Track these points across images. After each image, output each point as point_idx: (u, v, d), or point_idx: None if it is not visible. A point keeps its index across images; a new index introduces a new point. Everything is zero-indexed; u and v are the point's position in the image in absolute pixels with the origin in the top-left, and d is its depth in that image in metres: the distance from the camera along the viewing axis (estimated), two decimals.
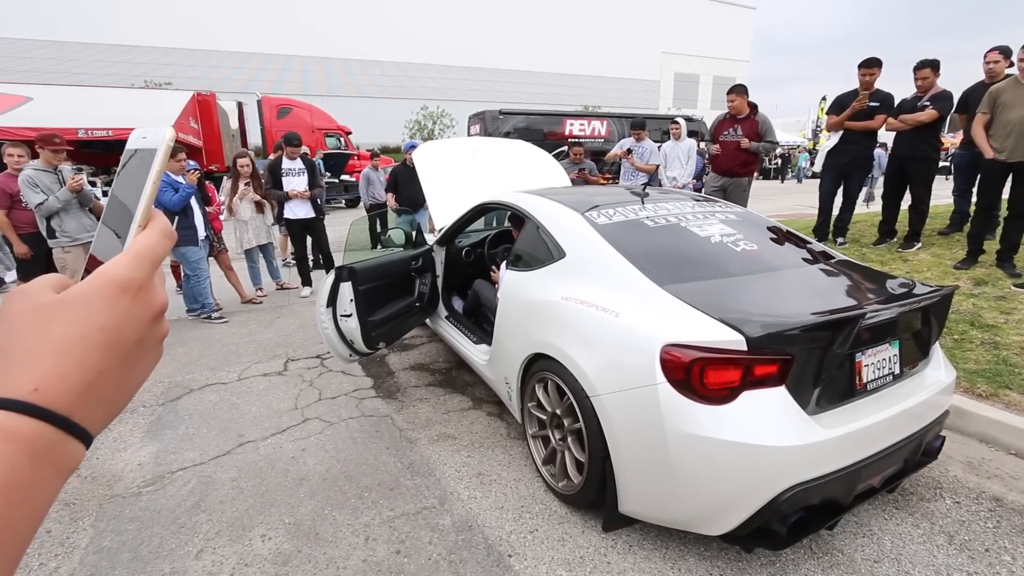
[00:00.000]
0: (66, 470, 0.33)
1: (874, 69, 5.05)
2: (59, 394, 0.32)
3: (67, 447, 0.32)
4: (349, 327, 3.02)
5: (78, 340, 0.33)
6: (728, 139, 5.60)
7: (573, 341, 2.11)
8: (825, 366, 1.73)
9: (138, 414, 3.19)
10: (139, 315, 0.36)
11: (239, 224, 5.55)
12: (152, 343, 0.38)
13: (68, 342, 0.33)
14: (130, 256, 0.37)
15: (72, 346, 0.33)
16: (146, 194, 0.40)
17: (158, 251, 0.39)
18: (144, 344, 0.37)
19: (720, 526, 1.75)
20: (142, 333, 0.37)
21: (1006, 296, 3.88)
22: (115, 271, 0.36)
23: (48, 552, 2.07)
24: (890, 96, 5.12)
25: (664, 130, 12.23)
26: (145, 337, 0.37)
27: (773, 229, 2.77)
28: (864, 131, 5.20)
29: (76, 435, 0.33)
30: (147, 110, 13.19)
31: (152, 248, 0.38)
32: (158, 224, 0.40)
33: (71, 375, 0.32)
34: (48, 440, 0.31)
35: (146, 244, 0.38)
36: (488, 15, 37.47)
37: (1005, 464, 2.50)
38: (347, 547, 2.06)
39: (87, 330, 0.33)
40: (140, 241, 0.38)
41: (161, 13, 30.23)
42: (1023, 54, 4.02)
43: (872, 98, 5.10)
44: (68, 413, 0.32)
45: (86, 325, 0.33)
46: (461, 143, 4.84)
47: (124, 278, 0.36)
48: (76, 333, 0.33)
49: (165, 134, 0.41)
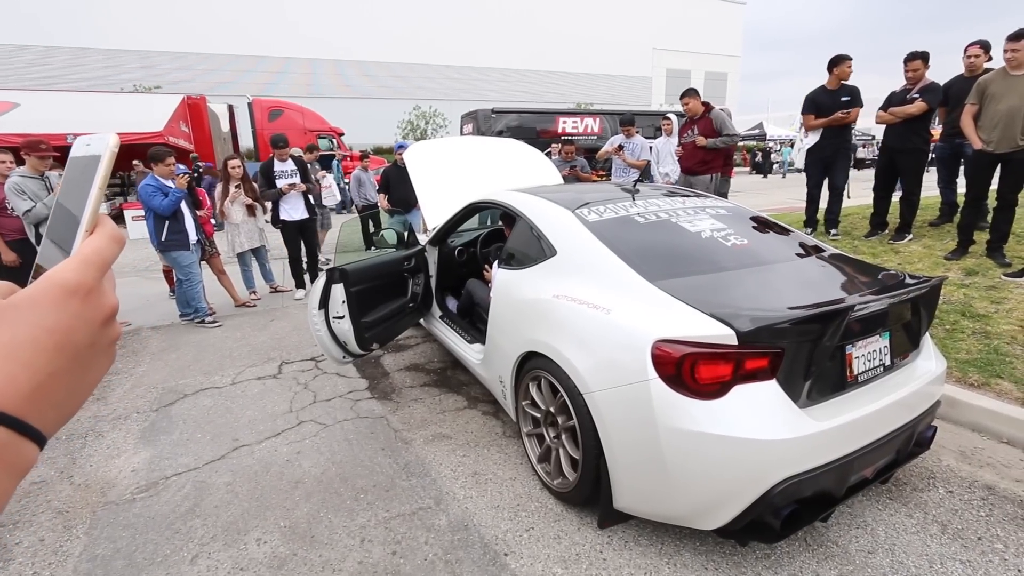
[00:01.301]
0: (19, 471, 0.33)
1: (850, 62, 5.29)
2: (8, 397, 0.32)
3: (19, 448, 0.32)
4: (342, 329, 3.02)
5: (27, 343, 0.33)
6: (687, 140, 5.87)
7: (565, 339, 2.11)
8: (816, 359, 1.74)
9: (131, 420, 3.17)
10: (88, 318, 0.36)
11: (231, 227, 5.52)
12: (103, 346, 0.38)
13: (16, 346, 0.33)
14: (77, 260, 0.37)
15: (20, 349, 0.33)
16: (91, 199, 0.40)
17: (106, 255, 0.39)
18: (96, 347, 0.37)
19: (714, 520, 1.75)
20: (93, 336, 0.37)
21: (996, 286, 3.91)
22: (62, 275, 0.36)
23: (41, 561, 2.05)
24: (856, 89, 5.30)
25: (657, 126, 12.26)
26: (96, 340, 0.37)
27: (763, 223, 2.77)
28: (841, 125, 5.35)
29: (28, 436, 0.33)
30: (136, 114, 13.09)
31: (99, 252, 0.38)
32: (106, 229, 0.40)
33: (20, 377, 0.32)
34: (1, 442, 0.31)
35: (93, 248, 0.38)
36: (479, 14, 37.38)
37: (997, 452, 2.52)
38: (343, 549, 2.06)
39: (35, 333, 0.33)
40: (88, 245, 0.38)
41: (150, 16, 29.97)
42: (1008, 45, 4.04)
43: (842, 93, 5.29)
44: (19, 415, 0.32)
45: (34, 328, 0.33)
46: (452, 143, 4.83)
47: (71, 282, 0.36)
48: (24, 337, 0.33)
49: (109, 140, 0.41)
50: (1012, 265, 4.18)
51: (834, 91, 5.32)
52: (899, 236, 5.28)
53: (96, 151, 0.42)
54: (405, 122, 31.15)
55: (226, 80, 30.41)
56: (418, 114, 31.09)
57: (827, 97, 5.35)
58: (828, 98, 5.34)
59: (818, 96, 5.43)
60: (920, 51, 4.93)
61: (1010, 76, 4.07)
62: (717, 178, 5.80)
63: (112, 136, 0.41)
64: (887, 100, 5.14)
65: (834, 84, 5.33)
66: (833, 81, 5.33)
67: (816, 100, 5.43)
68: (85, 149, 0.43)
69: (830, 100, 5.32)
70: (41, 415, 0.34)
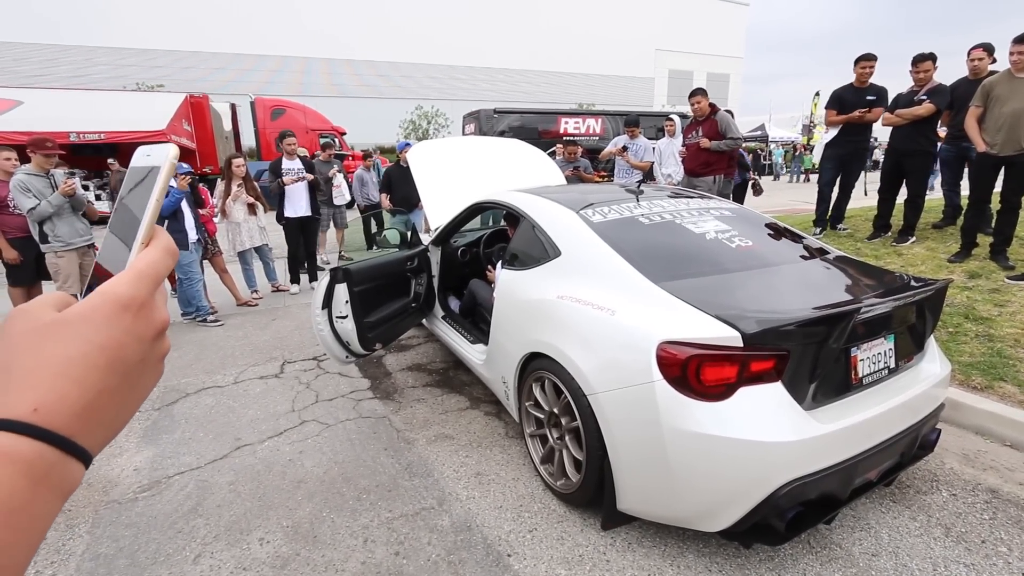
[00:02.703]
0: (65, 492, 0.32)
1: (872, 62, 5.24)
2: (59, 415, 0.31)
3: (66, 468, 0.32)
4: (345, 328, 3.01)
5: (78, 360, 0.32)
6: (691, 141, 5.84)
7: (569, 340, 2.11)
8: (821, 361, 1.74)
9: (134, 419, 3.17)
10: (140, 334, 0.36)
11: (232, 226, 5.53)
12: (153, 361, 0.38)
13: (68, 362, 0.32)
14: (132, 274, 0.37)
15: (72, 366, 0.32)
16: (149, 212, 0.40)
17: (160, 269, 0.39)
18: (145, 363, 0.37)
19: (718, 522, 1.75)
20: (143, 352, 0.36)
21: (1000, 289, 3.91)
22: (116, 289, 0.36)
23: (44, 560, 2.05)
24: (884, 90, 5.26)
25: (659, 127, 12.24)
26: (146, 356, 0.37)
27: (768, 225, 2.77)
28: (862, 124, 5.33)
29: (76, 455, 0.32)
30: (140, 113, 13.10)
31: (154, 266, 0.38)
32: (161, 242, 0.40)
33: (71, 395, 0.32)
34: (48, 462, 0.30)
35: (148, 262, 0.38)
36: (482, 14, 37.39)
37: (1001, 456, 2.51)
38: (346, 549, 2.06)
39: (87, 349, 0.33)
40: (142, 259, 0.38)
41: (154, 14, 30.02)
42: (1015, 47, 4.03)
43: (868, 92, 5.25)
44: (68, 434, 0.31)
45: (86, 344, 0.33)
46: (455, 143, 4.83)
47: (125, 296, 0.35)
48: (76, 353, 0.33)
49: (169, 151, 0.41)
50: (1015, 268, 4.17)
51: (860, 89, 5.30)
52: (902, 238, 5.27)
53: (156, 162, 0.41)
54: (407, 122, 31.17)
55: (229, 79, 30.47)
56: (420, 114, 31.11)
57: (852, 95, 5.34)
58: (853, 96, 5.33)
59: (844, 93, 5.42)
60: (929, 52, 4.92)
61: (1015, 79, 4.06)
62: (720, 180, 5.80)
63: (172, 148, 0.41)
64: (893, 102, 5.13)
65: (860, 82, 5.30)
66: (859, 79, 5.31)
67: (841, 96, 5.42)
68: (145, 160, 0.43)
69: (855, 98, 5.30)
70: (90, 434, 0.33)
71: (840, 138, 5.51)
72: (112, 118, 12.61)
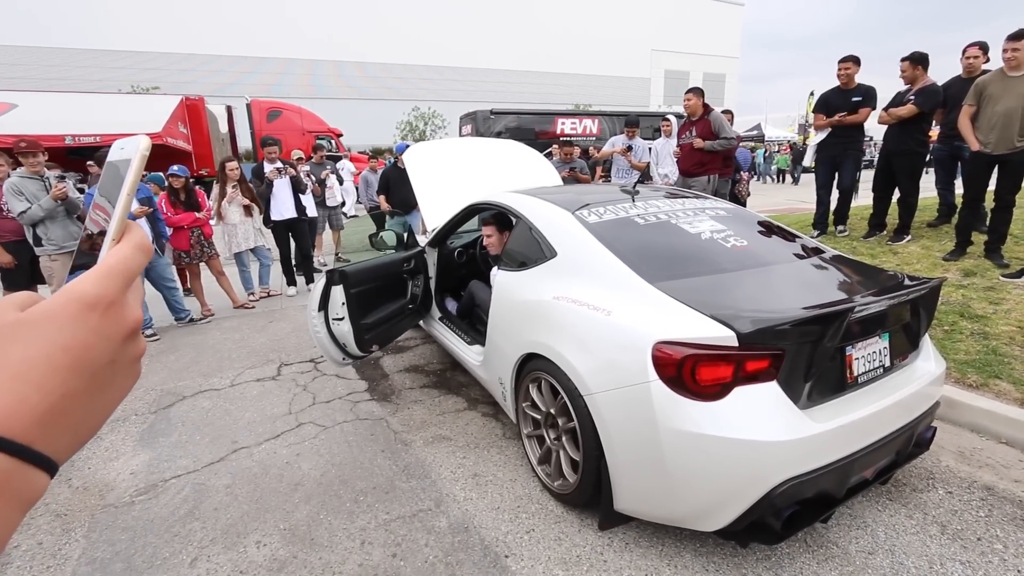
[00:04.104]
0: (26, 503, 0.30)
1: (849, 64, 5.26)
2: (17, 421, 0.29)
3: (27, 477, 0.30)
4: (341, 330, 3.01)
5: (40, 362, 0.30)
6: (684, 141, 5.84)
7: (565, 340, 2.11)
8: (816, 360, 1.74)
9: (130, 422, 3.16)
10: (108, 334, 0.34)
11: (228, 228, 5.52)
12: (126, 363, 0.36)
13: (28, 364, 0.30)
14: (100, 271, 0.35)
15: (32, 369, 0.30)
16: (120, 206, 0.39)
17: (131, 265, 0.37)
18: (116, 364, 0.35)
19: (715, 522, 1.75)
20: (112, 353, 0.34)
21: (995, 286, 3.92)
22: (82, 287, 0.34)
23: (39, 564, 2.05)
24: (872, 89, 5.26)
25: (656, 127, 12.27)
26: (117, 357, 0.35)
27: (763, 225, 2.78)
28: (850, 125, 5.34)
29: (38, 464, 0.30)
30: (135, 115, 13.08)
31: (124, 262, 0.36)
32: (133, 237, 0.38)
33: (31, 400, 0.30)
34: (4, 471, 0.28)
35: (118, 259, 0.36)
36: (478, 15, 37.43)
37: (996, 453, 2.53)
38: (343, 552, 2.05)
39: (49, 351, 0.31)
40: (112, 256, 0.37)
41: (148, 16, 29.97)
42: (1008, 44, 4.05)
43: (854, 93, 5.26)
44: (27, 441, 0.29)
45: (48, 346, 0.31)
46: (451, 144, 4.83)
47: (91, 295, 0.33)
48: (37, 354, 0.31)
49: (140, 143, 0.40)
50: (1010, 266, 4.19)
51: (846, 91, 5.31)
52: (898, 237, 5.29)
53: (128, 155, 0.40)
54: (404, 123, 31.18)
55: (225, 81, 30.42)
56: (417, 115, 31.12)
57: (838, 97, 5.36)
58: (839, 98, 5.34)
59: (830, 96, 5.45)
60: (913, 53, 4.94)
61: (1008, 77, 4.08)
62: (715, 180, 5.81)
63: (143, 139, 0.40)
64: (890, 101, 5.16)
65: (844, 84, 5.31)
66: (840, 82, 5.32)
67: (827, 100, 5.45)
68: (120, 153, 0.42)
69: (840, 100, 5.32)
70: (53, 440, 0.31)
71: (830, 139, 5.53)
72: (108, 121, 12.59)
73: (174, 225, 5.10)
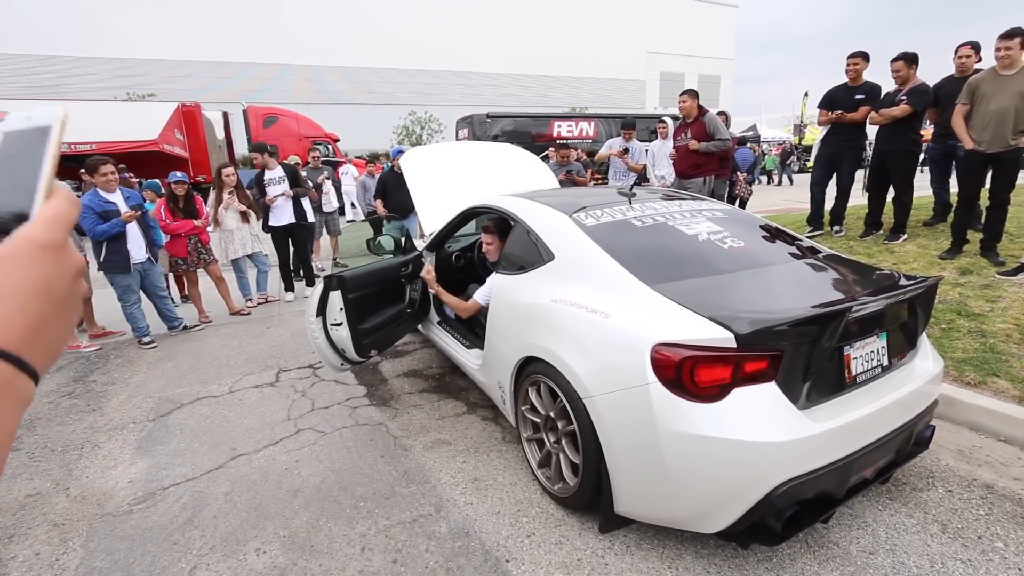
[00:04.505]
0: (23, 402, 0.37)
1: (857, 60, 5.22)
2: (8, 336, 0.36)
3: (21, 382, 0.36)
4: (340, 336, 3.00)
5: (16, 291, 0.36)
6: (680, 143, 5.85)
7: (564, 343, 2.11)
8: (814, 360, 1.74)
9: (128, 431, 3.15)
10: (63, 271, 0.40)
11: (224, 234, 5.52)
12: (75, 299, 0.42)
13: (8, 292, 0.36)
14: (44, 220, 0.40)
15: (12, 296, 0.36)
16: (46, 167, 0.41)
17: (68, 216, 0.41)
18: (70, 298, 0.41)
19: (716, 524, 1.75)
20: (68, 289, 0.40)
21: (991, 284, 3.94)
22: (34, 232, 0.39)
23: (37, 575, 2.03)
24: (877, 87, 5.24)
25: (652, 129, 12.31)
26: (70, 293, 0.41)
27: (760, 226, 2.79)
28: (851, 123, 5.33)
29: (27, 372, 0.37)
30: (132, 122, 13.07)
31: (60, 213, 0.41)
32: (62, 193, 0.42)
33: (16, 320, 0.36)
34: (5, 376, 0.35)
35: (56, 210, 0.41)
36: (473, 19, 37.54)
37: (995, 451, 2.53)
38: (343, 558, 2.04)
39: (21, 283, 0.37)
40: (49, 208, 0.40)
41: (144, 23, 29.96)
42: (1000, 43, 4.07)
43: (859, 90, 5.25)
44: (18, 352, 0.36)
45: (20, 279, 0.37)
46: (447, 148, 4.84)
47: (42, 239, 0.39)
48: (12, 285, 0.36)
49: (58, 111, 0.43)
50: (1006, 264, 4.21)
51: (852, 88, 5.28)
52: (894, 236, 5.30)
53: (43, 123, 0.43)
54: (400, 127, 31.20)
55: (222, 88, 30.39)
56: (413, 119, 31.16)
57: (843, 94, 5.32)
58: (844, 95, 5.31)
59: (835, 92, 5.42)
60: (904, 53, 4.96)
61: (1000, 76, 4.11)
62: (711, 181, 5.83)
63: (60, 108, 0.43)
64: (880, 102, 5.18)
65: (851, 80, 5.28)
66: (848, 77, 5.29)
67: (832, 96, 5.43)
68: (27, 122, 0.44)
69: (844, 97, 5.30)
70: (35, 354, 0.37)
71: (830, 136, 5.54)
72: (104, 128, 12.57)
73: (172, 232, 5.09)
